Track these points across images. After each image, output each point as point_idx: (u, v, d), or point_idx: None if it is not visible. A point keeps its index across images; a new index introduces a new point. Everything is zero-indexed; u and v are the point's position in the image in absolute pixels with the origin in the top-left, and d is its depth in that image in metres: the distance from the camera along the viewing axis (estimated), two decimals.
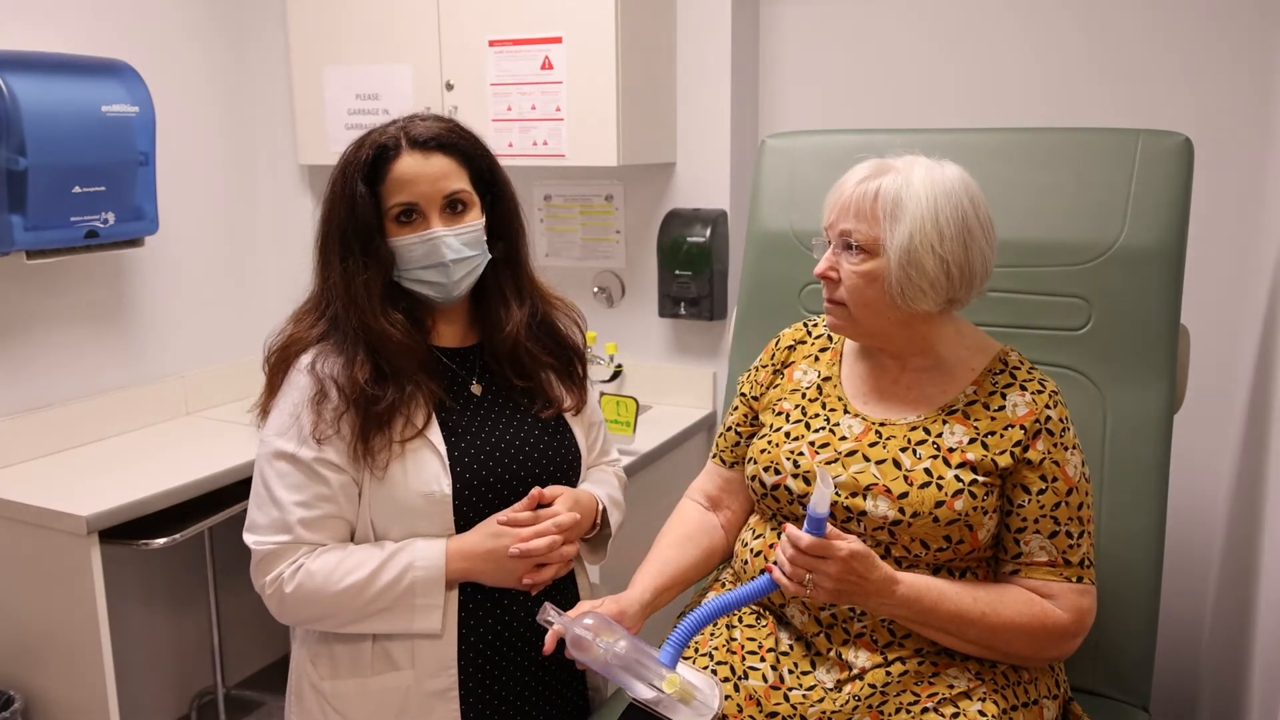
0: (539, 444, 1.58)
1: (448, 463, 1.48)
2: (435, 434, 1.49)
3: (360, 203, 1.45)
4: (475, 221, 1.52)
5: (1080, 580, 1.42)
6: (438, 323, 1.58)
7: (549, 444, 1.60)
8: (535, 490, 1.54)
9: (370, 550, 1.47)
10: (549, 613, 1.39)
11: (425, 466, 1.47)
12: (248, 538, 1.48)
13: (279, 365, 1.52)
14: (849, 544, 1.31)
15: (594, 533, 1.67)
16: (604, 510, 1.66)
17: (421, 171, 1.47)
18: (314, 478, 1.45)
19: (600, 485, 1.69)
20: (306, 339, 1.50)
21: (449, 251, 1.48)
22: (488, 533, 1.50)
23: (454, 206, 1.50)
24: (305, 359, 1.48)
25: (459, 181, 1.50)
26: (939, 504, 1.39)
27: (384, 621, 1.47)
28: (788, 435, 1.54)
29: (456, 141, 1.51)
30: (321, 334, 1.50)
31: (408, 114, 1.54)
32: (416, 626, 1.47)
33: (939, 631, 1.39)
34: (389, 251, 1.47)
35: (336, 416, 1.44)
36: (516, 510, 1.52)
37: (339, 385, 1.45)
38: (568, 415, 1.65)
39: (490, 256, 1.56)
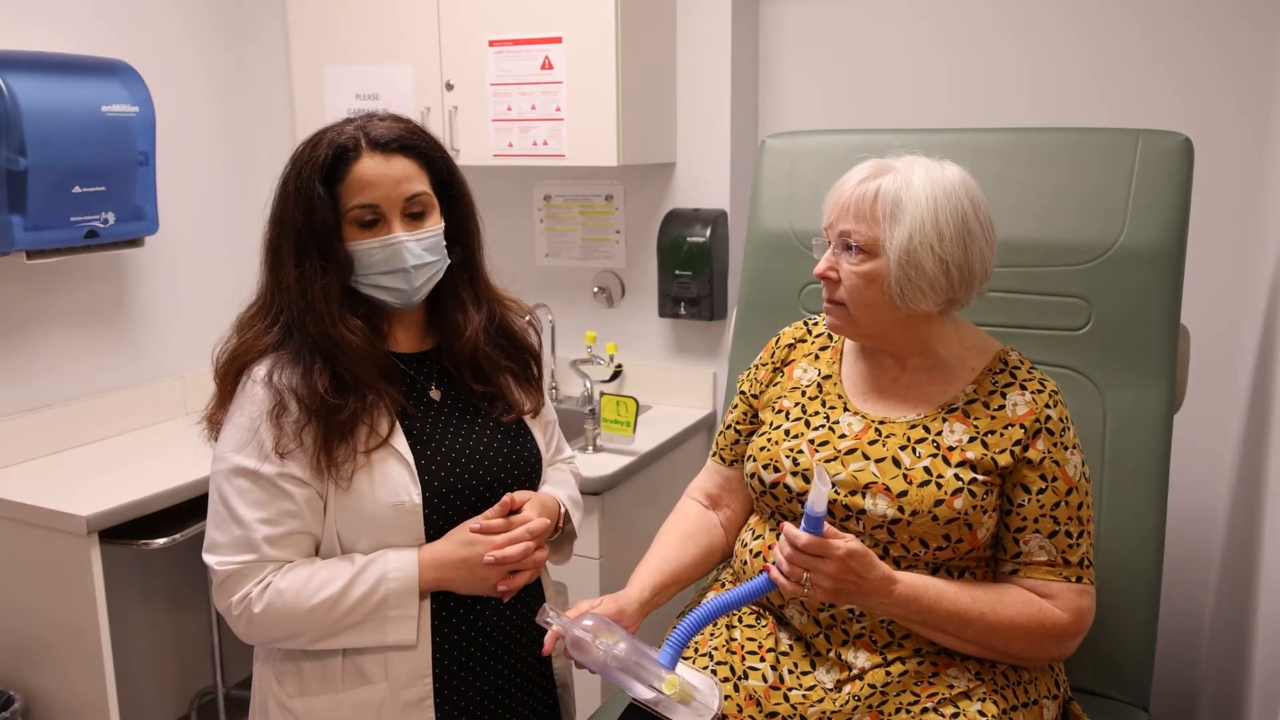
0: (502, 449, 1.56)
1: (415, 471, 1.45)
2: (400, 442, 1.45)
3: (318, 204, 1.39)
4: (436, 226, 1.48)
5: (1080, 580, 1.42)
6: (394, 328, 1.53)
7: (512, 448, 1.57)
8: (507, 496, 1.50)
9: (340, 564, 1.43)
10: (548, 614, 1.39)
11: (392, 476, 1.43)
12: (209, 558, 1.43)
13: (229, 376, 1.46)
14: (846, 543, 1.30)
15: (556, 535, 1.65)
16: (566, 513, 1.64)
17: (383, 173, 1.42)
18: (277, 494, 1.40)
19: (560, 487, 1.66)
20: (257, 347, 1.44)
21: (410, 257, 1.44)
22: (460, 540, 1.46)
23: (415, 210, 1.45)
24: (260, 370, 1.42)
25: (420, 184, 1.45)
26: (938, 502, 1.39)
27: (357, 635, 1.43)
28: (787, 433, 1.54)
29: (417, 143, 1.46)
30: (274, 342, 1.44)
31: (363, 113, 1.48)
32: (390, 639, 1.44)
33: (937, 631, 1.39)
34: (347, 256, 1.42)
35: (298, 429, 1.39)
36: (488, 517, 1.48)
37: (298, 396, 1.39)
38: (526, 418, 1.62)
39: (449, 261, 1.52)
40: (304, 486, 1.41)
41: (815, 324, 1.68)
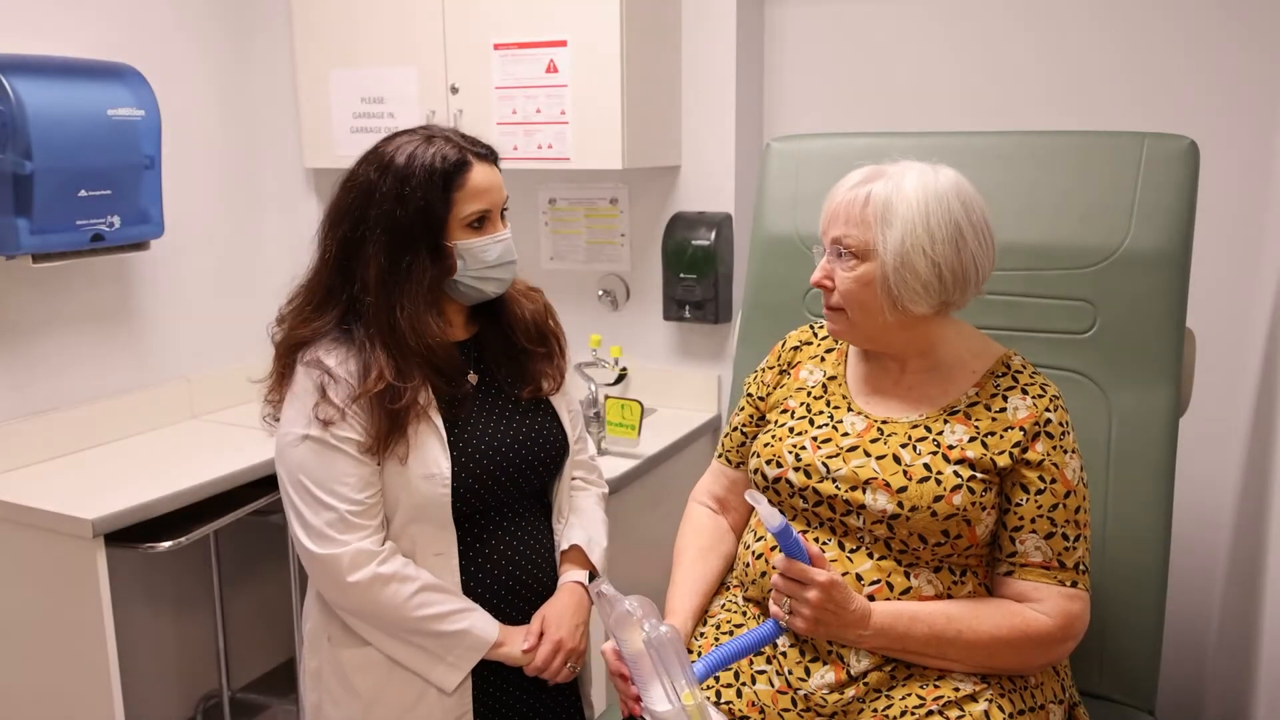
0: (531, 430, 1.70)
1: (447, 445, 1.58)
2: (438, 419, 1.59)
3: (437, 207, 1.54)
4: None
5: (1074, 585, 1.42)
6: (454, 317, 1.68)
7: (540, 430, 1.71)
8: (537, 626, 1.67)
9: (448, 595, 1.60)
10: (602, 585, 1.38)
11: (426, 448, 1.57)
12: (314, 546, 1.55)
13: (286, 356, 1.60)
14: (828, 574, 1.35)
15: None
16: (595, 566, 1.78)
17: (492, 181, 1.60)
18: (354, 462, 1.54)
19: (583, 530, 1.79)
20: (315, 331, 1.58)
21: (514, 252, 1.65)
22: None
23: (504, 212, 1.65)
24: (317, 353, 1.56)
25: (505, 191, 1.64)
26: (937, 498, 1.40)
27: (410, 653, 1.60)
28: (791, 430, 1.55)
29: (497, 157, 1.65)
30: (328, 329, 1.58)
31: (428, 125, 1.64)
32: (434, 677, 1.60)
33: (919, 655, 1.40)
34: (452, 255, 1.57)
35: (352, 405, 1.53)
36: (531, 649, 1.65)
37: (359, 377, 1.53)
38: (552, 398, 1.76)
39: None
40: (370, 455, 1.55)
41: (821, 327, 1.69)
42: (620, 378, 2.85)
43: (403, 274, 1.54)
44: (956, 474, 1.41)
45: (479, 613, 1.61)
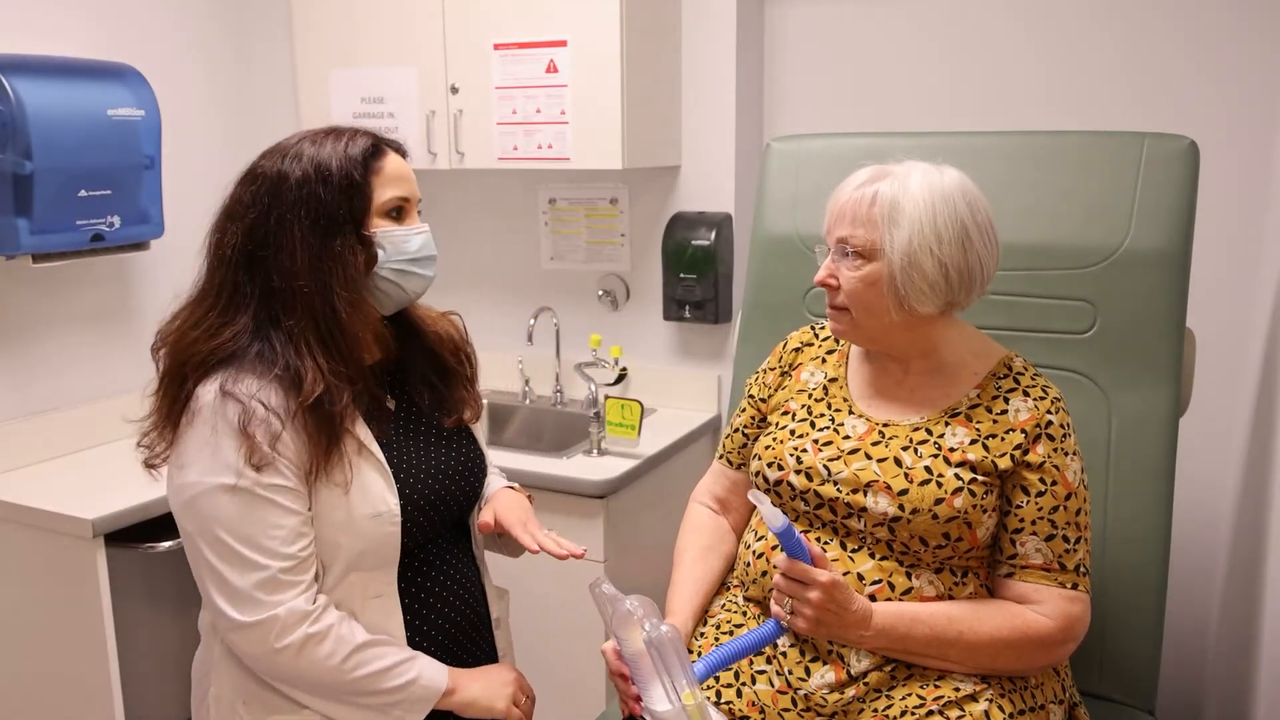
0: (459, 457, 1.58)
1: (392, 480, 1.44)
2: (376, 450, 1.43)
3: (359, 189, 1.41)
4: None
5: (1075, 587, 1.42)
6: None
7: (466, 455, 1.59)
8: (480, 523, 1.58)
9: (387, 647, 1.42)
10: (602, 584, 1.37)
11: (370, 485, 1.41)
12: (235, 614, 1.34)
13: (182, 381, 1.38)
14: (830, 574, 1.34)
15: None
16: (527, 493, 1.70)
17: (407, 172, 1.48)
18: (280, 510, 1.35)
19: (503, 478, 1.73)
20: (234, 343, 1.37)
21: (436, 247, 1.50)
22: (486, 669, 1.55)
23: (419, 208, 1.52)
24: (243, 387, 1.34)
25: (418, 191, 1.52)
26: (938, 501, 1.40)
27: (357, 714, 1.42)
28: (792, 433, 1.55)
29: (406, 153, 1.53)
30: (250, 334, 1.38)
31: (337, 125, 1.50)
32: None
33: (920, 657, 1.40)
34: (372, 243, 1.42)
35: (275, 436, 1.33)
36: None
37: (280, 396, 1.35)
38: (471, 424, 1.64)
39: None
40: (300, 500, 1.36)
41: (822, 328, 1.69)
42: (620, 378, 2.85)
43: (334, 257, 1.37)
44: (958, 476, 1.41)
45: (423, 660, 1.44)
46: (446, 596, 1.53)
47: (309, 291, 1.36)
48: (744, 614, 1.55)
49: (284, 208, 1.39)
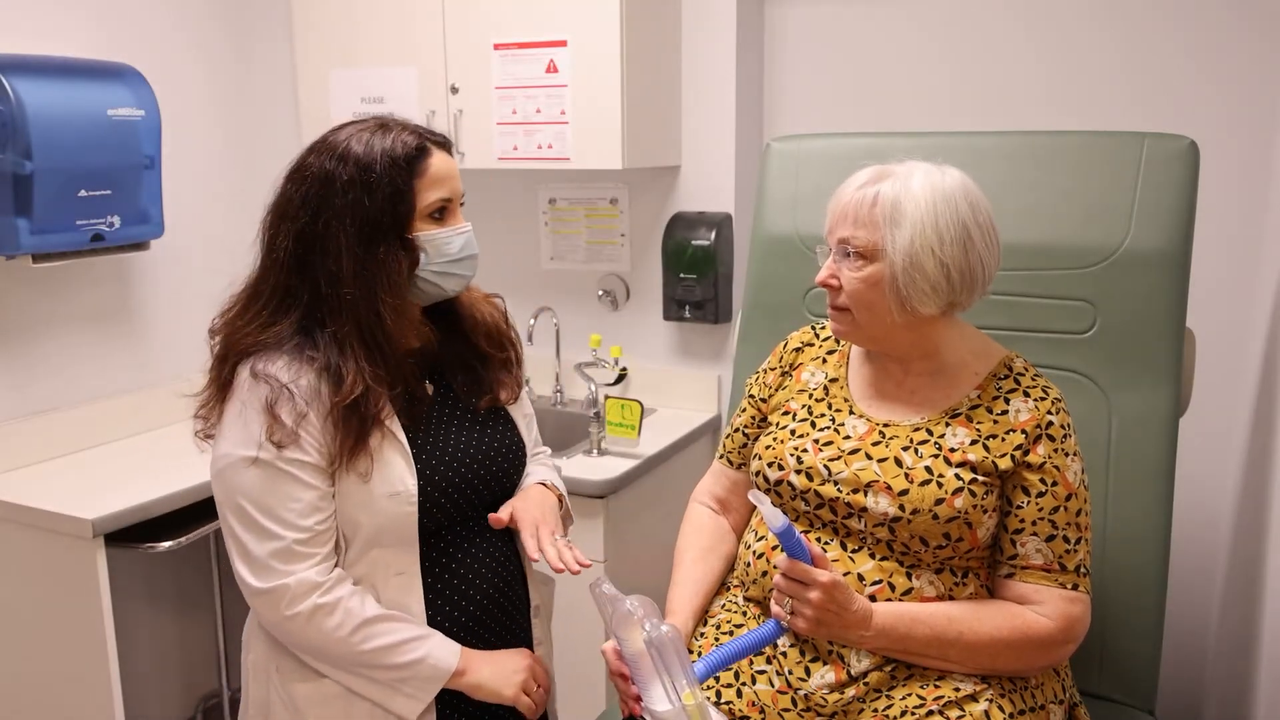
0: (492, 441, 1.60)
1: (411, 461, 1.48)
2: (400, 431, 1.48)
3: (404, 194, 1.44)
4: None
5: (1075, 588, 1.42)
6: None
7: (497, 440, 1.61)
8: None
9: (400, 623, 1.46)
10: (602, 584, 1.38)
11: (390, 465, 1.46)
12: (255, 580, 1.43)
13: (230, 366, 1.46)
14: (830, 574, 1.34)
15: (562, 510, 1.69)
16: (564, 496, 1.71)
17: (452, 169, 1.50)
18: (301, 485, 1.42)
19: (548, 471, 1.72)
20: (280, 337, 1.44)
21: (476, 245, 1.54)
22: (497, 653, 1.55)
23: (462, 204, 1.54)
24: (263, 364, 1.42)
25: (461, 183, 1.55)
26: (939, 501, 1.40)
27: (368, 686, 1.46)
28: (792, 432, 1.55)
29: (452, 146, 1.55)
30: (284, 335, 1.45)
31: (377, 116, 1.53)
32: (394, 706, 1.47)
33: (920, 657, 1.40)
34: (415, 247, 1.46)
35: (303, 417, 1.40)
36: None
37: (335, 385, 1.41)
38: (509, 407, 1.66)
39: None
40: (323, 476, 1.43)
41: (822, 328, 1.69)
42: (620, 378, 2.85)
43: (379, 264, 1.42)
44: (958, 477, 1.41)
45: (436, 639, 1.48)
46: (473, 579, 1.55)
47: (354, 298, 1.42)
48: (744, 614, 1.55)
49: (330, 213, 1.43)
